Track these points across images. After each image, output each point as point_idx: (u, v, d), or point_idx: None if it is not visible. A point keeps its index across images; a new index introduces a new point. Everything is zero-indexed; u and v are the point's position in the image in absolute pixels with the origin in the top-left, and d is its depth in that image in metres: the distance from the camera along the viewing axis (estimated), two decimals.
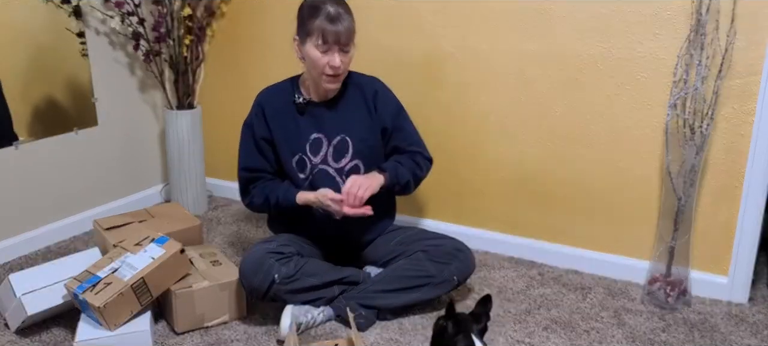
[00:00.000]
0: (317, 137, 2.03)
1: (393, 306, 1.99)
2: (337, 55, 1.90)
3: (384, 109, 2.07)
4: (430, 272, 1.99)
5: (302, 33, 1.93)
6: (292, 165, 2.03)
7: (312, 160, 2.02)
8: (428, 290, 2.00)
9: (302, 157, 2.03)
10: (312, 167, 2.03)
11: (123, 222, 2.24)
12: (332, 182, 2.02)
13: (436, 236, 2.10)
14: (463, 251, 2.06)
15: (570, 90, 2.26)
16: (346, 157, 2.03)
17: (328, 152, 2.03)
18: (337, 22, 1.87)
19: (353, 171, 2.04)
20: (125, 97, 2.81)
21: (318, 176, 2.03)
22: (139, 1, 2.65)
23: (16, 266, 2.36)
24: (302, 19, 1.93)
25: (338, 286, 2.00)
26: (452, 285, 2.03)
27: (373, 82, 2.11)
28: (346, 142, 2.03)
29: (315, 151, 2.03)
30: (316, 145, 2.03)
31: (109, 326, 1.79)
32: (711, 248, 2.18)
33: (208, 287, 1.93)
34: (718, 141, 2.09)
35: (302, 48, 1.94)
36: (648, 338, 1.94)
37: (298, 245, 2.02)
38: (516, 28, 2.29)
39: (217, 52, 2.92)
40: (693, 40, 2.02)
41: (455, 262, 2.02)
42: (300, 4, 1.97)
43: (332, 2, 1.89)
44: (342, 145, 2.03)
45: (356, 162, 2.04)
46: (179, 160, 2.82)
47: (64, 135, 2.56)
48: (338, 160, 2.03)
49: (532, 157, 2.38)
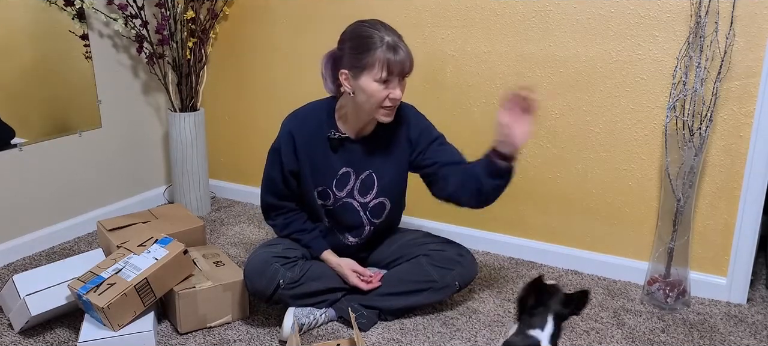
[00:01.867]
0: (346, 172, 1.97)
1: (394, 309, 2.01)
2: (398, 86, 1.81)
3: (420, 137, 1.98)
4: (432, 277, 1.99)
5: (356, 66, 1.79)
6: (314, 195, 1.99)
7: (336, 194, 1.98)
8: (430, 294, 2.01)
9: (326, 190, 1.98)
10: (335, 200, 1.99)
11: (127, 223, 2.25)
12: (356, 214, 2.01)
13: (439, 241, 2.10)
14: (466, 256, 2.05)
15: (570, 92, 2.27)
16: (371, 193, 1.99)
17: (354, 186, 1.98)
18: (399, 50, 1.76)
19: (378, 208, 2.01)
20: (129, 100, 2.83)
21: (341, 208, 2.00)
22: (142, 3, 2.67)
23: (20, 266, 2.38)
24: (356, 51, 1.79)
25: (341, 291, 2.01)
26: (453, 290, 2.03)
27: (405, 112, 1.99)
28: (373, 179, 1.98)
29: (341, 187, 1.98)
30: (343, 179, 1.98)
31: (113, 327, 1.80)
32: (710, 248, 2.19)
33: (211, 288, 1.95)
34: (717, 142, 2.10)
35: (355, 82, 1.81)
36: (647, 338, 1.96)
37: (302, 248, 2.03)
38: (516, 30, 2.30)
39: (219, 54, 2.94)
40: (692, 42, 2.03)
41: (458, 268, 2.02)
42: (345, 33, 1.85)
43: (387, 30, 1.79)
44: (369, 180, 1.98)
45: (381, 199, 2.01)
46: (182, 161, 2.84)
47: (68, 136, 2.58)
48: (364, 196, 2.00)
49: (532, 159, 2.39)
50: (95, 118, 2.68)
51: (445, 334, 1.96)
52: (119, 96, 2.77)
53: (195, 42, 2.75)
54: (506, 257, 2.49)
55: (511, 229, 2.50)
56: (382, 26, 1.80)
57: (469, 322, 2.03)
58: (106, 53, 2.68)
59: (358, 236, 2.05)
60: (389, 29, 1.80)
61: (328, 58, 1.92)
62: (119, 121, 2.79)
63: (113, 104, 2.75)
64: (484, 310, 2.10)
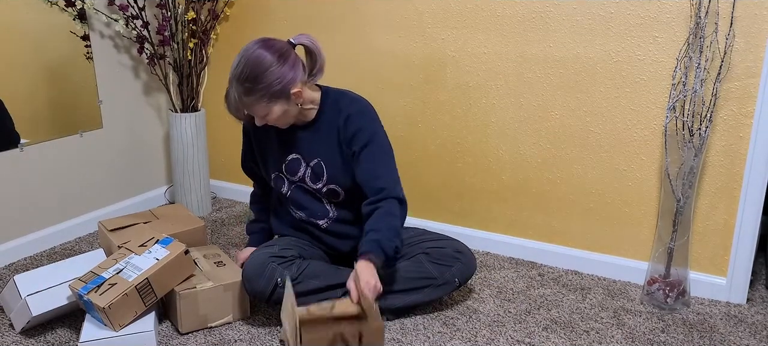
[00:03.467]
0: (295, 158, 2.02)
1: (394, 307, 2.01)
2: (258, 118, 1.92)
3: (352, 137, 1.95)
4: (431, 275, 2.01)
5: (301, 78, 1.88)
6: (271, 181, 2.08)
7: (289, 178, 2.04)
8: (430, 291, 2.02)
9: (279, 176, 2.04)
10: (290, 184, 2.04)
11: (128, 223, 2.26)
12: (313, 197, 2.04)
13: (437, 238, 2.11)
14: (465, 253, 2.07)
15: (569, 93, 2.27)
16: (321, 180, 2.02)
17: (305, 173, 2.02)
18: (229, 104, 1.92)
19: (331, 194, 2.03)
20: (130, 100, 2.83)
21: (297, 190, 2.04)
22: (143, 4, 2.67)
23: (21, 267, 2.38)
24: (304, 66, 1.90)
25: (341, 287, 2.01)
26: (453, 287, 2.04)
27: (350, 105, 1.98)
28: (321, 167, 2.01)
29: (292, 172, 2.03)
30: (293, 165, 2.02)
31: (114, 327, 1.81)
32: (710, 249, 2.19)
33: (212, 288, 1.95)
34: (717, 143, 2.10)
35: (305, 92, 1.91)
36: (647, 338, 1.96)
37: (300, 247, 2.04)
38: (516, 31, 2.30)
39: (220, 55, 2.94)
40: (692, 43, 2.03)
41: (457, 264, 2.04)
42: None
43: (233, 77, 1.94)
44: (318, 169, 2.01)
45: (333, 186, 2.01)
46: (183, 162, 2.84)
47: (69, 137, 2.58)
48: (315, 183, 2.02)
49: (532, 159, 2.39)
50: (96, 118, 2.69)
51: (445, 334, 1.97)
52: (120, 97, 2.78)
53: (196, 43, 2.75)
54: (506, 257, 2.50)
55: (511, 229, 2.50)
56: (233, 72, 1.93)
57: (469, 322, 2.04)
58: (107, 54, 2.68)
59: (325, 216, 2.06)
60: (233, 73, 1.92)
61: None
62: (120, 121, 2.80)
63: (114, 105, 2.75)
64: (484, 310, 2.11)
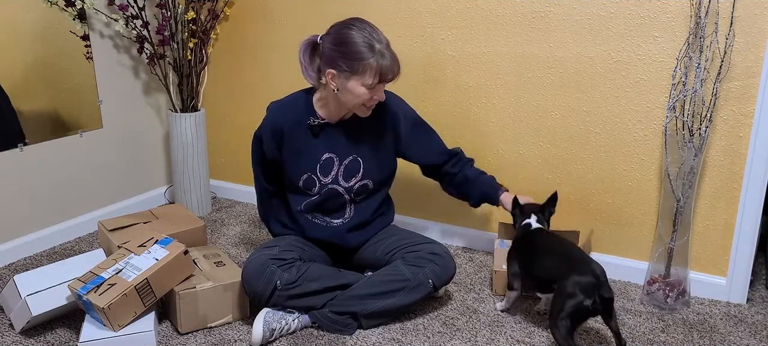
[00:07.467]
0: (329, 157, 2.01)
1: (369, 312, 1.96)
2: (382, 89, 1.91)
3: (401, 121, 2.07)
4: (404, 276, 1.97)
5: (346, 68, 1.83)
6: (299, 184, 2.02)
7: (321, 180, 2.02)
8: (404, 294, 1.97)
9: (311, 177, 2.02)
10: (321, 186, 2.03)
11: (127, 223, 2.26)
12: (340, 199, 2.05)
13: (416, 241, 2.07)
14: (440, 255, 2.02)
15: (569, 93, 2.27)
16: (356, 176, 2.03)
17: (338, 171, 2.02)
18: (389, 58, 1.83)
19: (362, 190, 2.05)
20: (130, 100, 2.83)
21: (327, 194, 2.04)
22: (143, 4, 2.67)
23: (21, 266, 2.38)
24: (347, 56, 1.82)
25: (340, 290, 2.00)
26: (428, 289, 1.98)
27: (389, 97, 2.05)
28: (358, 163, 2.03)
29: (325, 172, 2.02)
30: (327, 165, 2.01)
31: (114, 327, 1.81)
32: (710, 249, 2.19)
33: (211, 288, 1.95)
34: (717, 143, 2.10)
35: (342, 82, 1.86)
36: (647, 338, 1.96)
37: (300, 249, 2.03)
38: (516, 31, 2.30)
39: (220, 55, 2.94)
40: (692, 43, 2.03)
41: (430, 265, 1.99)
42: (334, 35, 1.86)
43: (376, 36, 1.84)
44: (353, 165, 2.02)
45: (366, 182, 2.05)
46: (183, 162, 2.84)
47: (69, 137, 2.58)
48: (348, 180, 2.03)
49: (532, 159, 2.39)
50: (96, 118, 2.69)
51: (445, 334, 1.97)
52: (120, 96, 2.78)
53: (196, 43, 2.75)
54: None
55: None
56: (371, 31, 1.84)
57: (469, 322, 2.03)
58: (107, 54, 2.68)
59: (341, 217, 2.08)
60: (377, 34, 1.85)
61: (307, 47, 1.94)
62: (120, 121, 2.80)
63: (114, 105, 2.75)
64: (484, 310, 2.11)
